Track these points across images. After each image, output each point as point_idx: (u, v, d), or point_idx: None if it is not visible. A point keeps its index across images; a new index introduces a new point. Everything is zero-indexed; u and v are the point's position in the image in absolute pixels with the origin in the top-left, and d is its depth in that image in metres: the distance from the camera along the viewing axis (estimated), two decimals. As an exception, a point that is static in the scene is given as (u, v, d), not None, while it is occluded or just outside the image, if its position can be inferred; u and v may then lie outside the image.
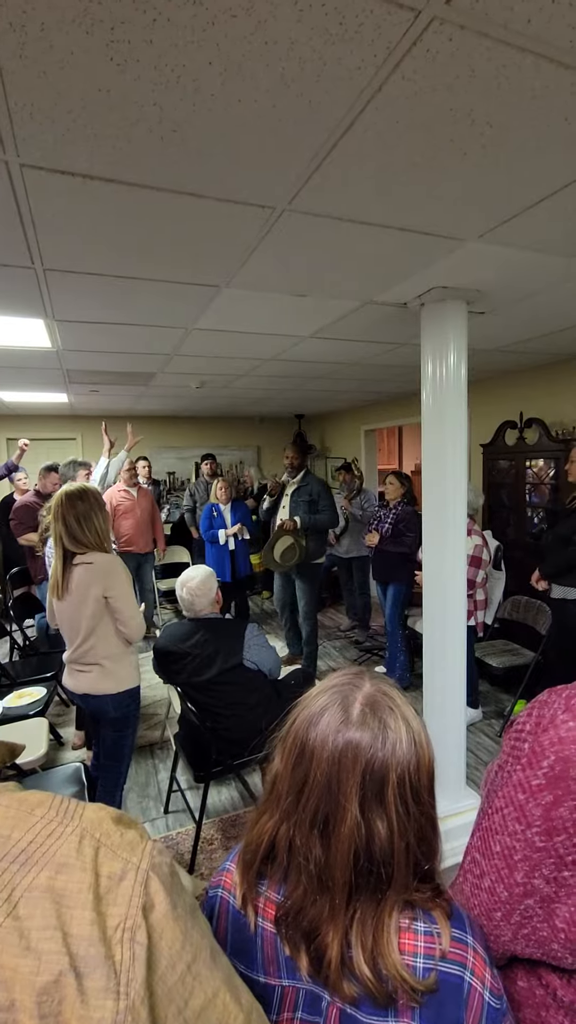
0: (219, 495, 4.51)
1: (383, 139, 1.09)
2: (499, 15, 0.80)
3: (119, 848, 0.47)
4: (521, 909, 0.58)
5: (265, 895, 0.63)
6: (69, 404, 5.27)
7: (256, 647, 2.17)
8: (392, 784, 0.58)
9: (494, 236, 1.56)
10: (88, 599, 1.96)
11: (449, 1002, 0.55)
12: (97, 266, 1.75)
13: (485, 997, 0.56)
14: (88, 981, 0.40)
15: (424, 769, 0.60)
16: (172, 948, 0.44)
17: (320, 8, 0.78)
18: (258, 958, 0.62)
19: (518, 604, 3.50)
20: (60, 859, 0.44)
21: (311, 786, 0.60)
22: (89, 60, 0.86)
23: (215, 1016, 0.46)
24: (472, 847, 0.64)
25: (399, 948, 0.56)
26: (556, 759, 0.55)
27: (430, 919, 0.59)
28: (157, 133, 1.05)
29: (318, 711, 0.62)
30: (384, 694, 0.64)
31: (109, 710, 2.06)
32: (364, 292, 2.07)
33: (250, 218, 1.42)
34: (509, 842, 0.58)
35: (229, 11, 0.78)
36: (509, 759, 0.60)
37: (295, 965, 0.60)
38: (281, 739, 0.65)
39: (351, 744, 0.59)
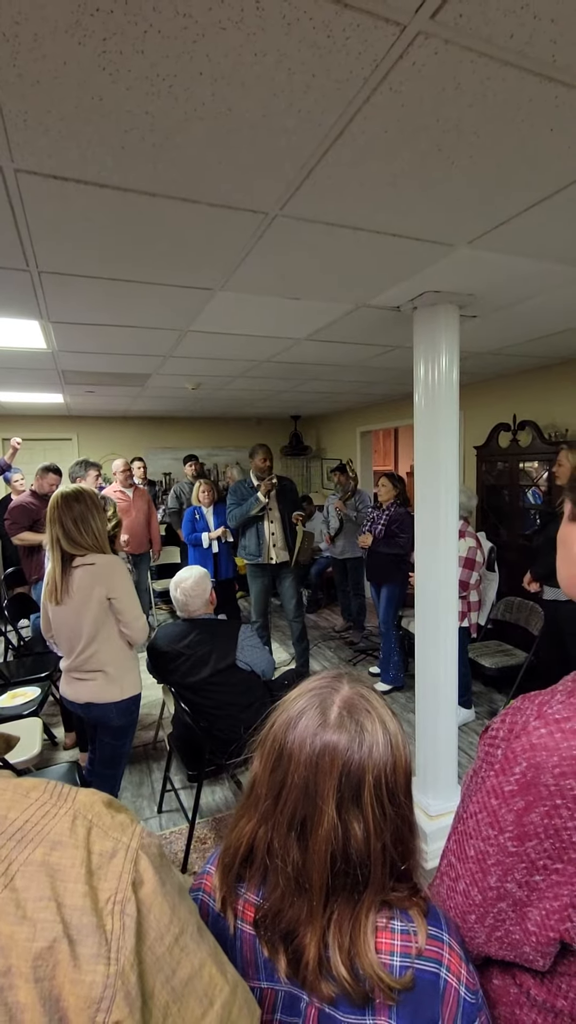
0: (201, 498, 4.50)
1: (372, 148, 1.11)
2: (482, 30, 0.82)
3: (110, 829, 0.49)
4: (494, 912, 0.59)
5: (244, 898, 0.64)
6: (65, 405, 5.27)
7: (249, 648, 2.18)
8: (369, 785, 0.59)
9: (484, 242, 1.59)
10: (91, 601, 1.91)
11: (426, 998, 0.56)
12: (92, 269, 1.76)
13: (461, 992, 0.57)
14: (80, 948, 0.42)
15: (400, 770, 0.61)
16: (160, 921, 0.47)
17: (308, 22, 0.80)
18: (237, 960, 0.63)
19: (511, 605, 3.52)
20: (54, 837, 0.46)
21: (289, 789, 0.60)
22: (81, 70, 0.88)
23: (201, 986, 0.48)
24: (448, 850, 0.65)
25: (376, 947, 0.57)
26: (528, 765, 0.56)
27: (407, 918, 0.60)
28: (149, 140, 1.07)
29: (296, 714, 0.63)
30: (362, 697, 0.64)
31: (113, 718, 2.00)
32: (357, 296, 2.09)
33: (243, 223, 1.44)
34: (483, 847, 0.59)
35: (219, 24, 0.80)
36: (483, 764, 0.61)
37: (274, 967, 0.60)
38: (260, 742, 0.65)
39: (328, 746, 0.60)
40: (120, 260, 1.69)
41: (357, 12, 0.78)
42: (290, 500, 3.89)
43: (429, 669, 2.26)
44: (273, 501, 3.83)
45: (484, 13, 0.79)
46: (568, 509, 0.70)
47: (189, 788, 2.59)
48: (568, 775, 0.54)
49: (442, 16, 0.79)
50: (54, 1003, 0.40)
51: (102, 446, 6.61)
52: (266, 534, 3.85)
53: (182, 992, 0.47)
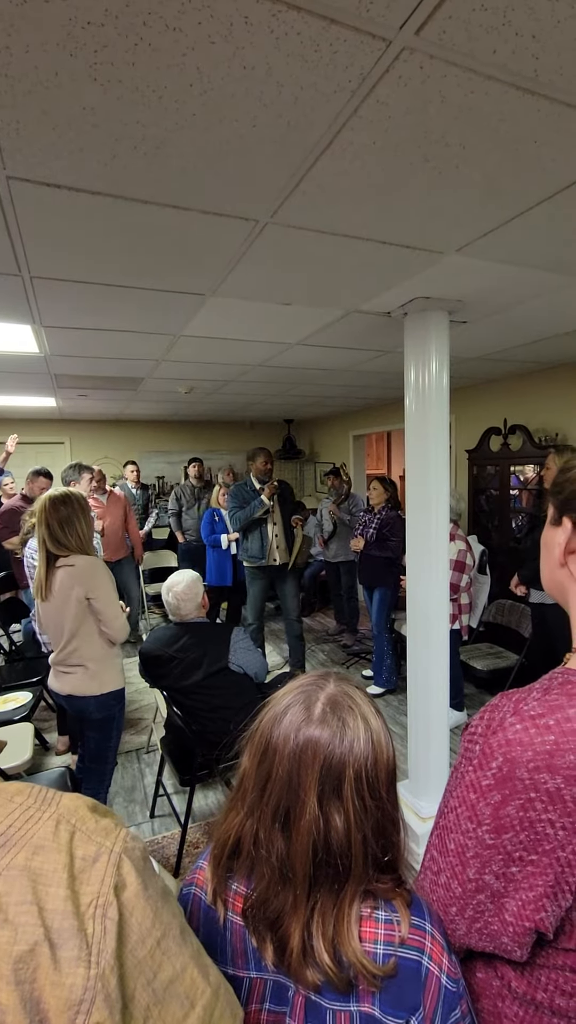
0: (221, 500, 4.54)
1: (360, 158, 1.13)
2: (465, 45, 0.84)
3: (93, 833, 0.50)
4: (474, 904, 0.60)
5: (234, 889, 0.66)
6: (57, 408, 5.26)
7: (242, 651, 2.19)
8: (349, 779, 0.61)
9: (472, 250, 1.61)
10: (70, 601, 1.99)
11: (408, 986, 0.58)
12: (84, 274, 1.77)
13: (442, 980, 0.59)
14: (61, 951, 0.43)
15: (382, 766, 0.63)
16: (142, 925, 0.47)
17: (296, 36, 0.82)
18: (227, 951, 0.65)
19: (502, 608, 3.55)
20: (37, 841, 0.47)
21: (273, 781, 0.62)
22: (73, 80, 0.89)
23: (183, 989, 0.49)
24: (431, 845, 0.66)
25: (360, 936, 0.59)
26: (504, 760, 0.57)
27: (390, 908, 0.61)
28: (141, 149, 1.08)
29: (282, 710, 0.65)
30: (346, 694, 0.66)
31: (92, 711, 2.08)
32: (348, 302, 2.11)
33: (234, 230, 1.45)
34: (462, 840, 0.60)
35: (208, 38, 0.81)
36: (463, 760, 0.63)
37: (261, 956, 0.62)
38: (249, 737, 0.68)
39: (311, 741, 0.62)
40: (112, 265, 1.70)
41: (344, 28, 0.80)
42: (289, 502, 3.96)
43: (421, 671, 2.27)
44: (275, 503, 3.89)
45: (467, 30, 0.81)
46: (550, 513, 0.72)
47: (182, 792, 2.59)
48: (541, 769, 0.55)
49: (426, 32, 0.81)
50: (35, 1005, 0.41)
51: (95, 450, 6.59)
52: (270, 536, 3.89)
53: (163, 994, 0.47)
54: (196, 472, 5.31)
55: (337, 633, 5.11)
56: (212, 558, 4.56)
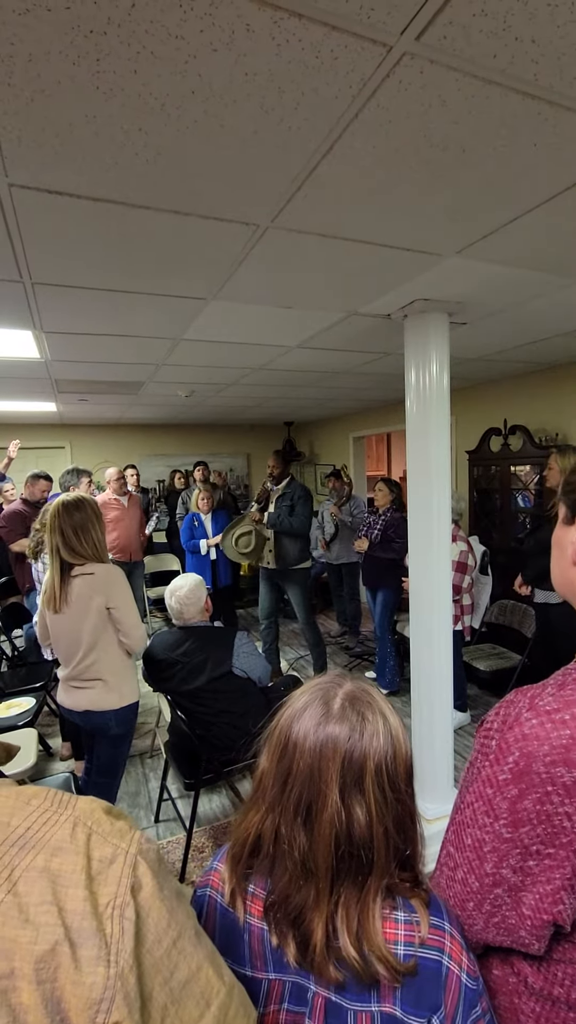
0: (200, 505, 4.53)
1: (361, 162, 1.13)
2: (466, 51, 0.84)
3: (109, 835, 0.50)
4: (491, 899, 0.61)
5: (251, 891, 0.66)
6: (58, 413, 5.27)
7: (245, 655, 2.19)
8: (370, 772, 0.62)
9: (472, 252, 1.62)
10: (90, 611, 1.91)
11: (428, 985, 0.59)
12: (85, 280, 1.78)
13: (462, 979, 0.60)
14: (81, 950, 0.43)
15: (401, 760, 0.64)
16: (159, 925, 0.48)
17: (297, 43, 0.82)
18: (245, 953, 0.65)
19: (504, 608, 3.55)
20: (55, 843, 0.47)
21: (294, 776, 0.63)
22: (76, 89, 0.90)
23: (198, 988, 0.50)
24: (447, 841, 0.67)
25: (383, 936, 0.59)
26: (520, 755, 0.58)
27: (409, 908, 0.62)
28: (143, 156, 1.09)
29: (301, 707, 0.66)
30: (364, 691, 0.67)
31: (112, 726, 2.00)
32: (348, 304, 2.11)
33: (235, 235, 1.46)
34: (479, 834, 0.61)
35: (210, 45, 0.82)
36: (479, 756, 0.64)
37: (282, 956, 0.62)
38: (267, 736, 0.69)
39: (331, 737, 0.63)
40: (113, 271, 1.70)
41: (344, 34, 0.81)
42: (285, 506, 3.87)
43: (424, 673, 2.27)
44: (272, 506, 3.87)
45: (467, 35, 0.81)
46: (562, 512, 0.72)
47: (186, 797, 2.58)
48: (558, 763, 0.56)
49: (427, 37, 0.81)
50: (56, 1004, 0.41)
51: (95, 454, 6.60)
52: (263, 537, 3.93)
53: (180, 994, 0.48)
54: (202, 476, 5.33)
55: (339, 635, 5.11)
56: (192, 564, 4.49)
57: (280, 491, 3.91)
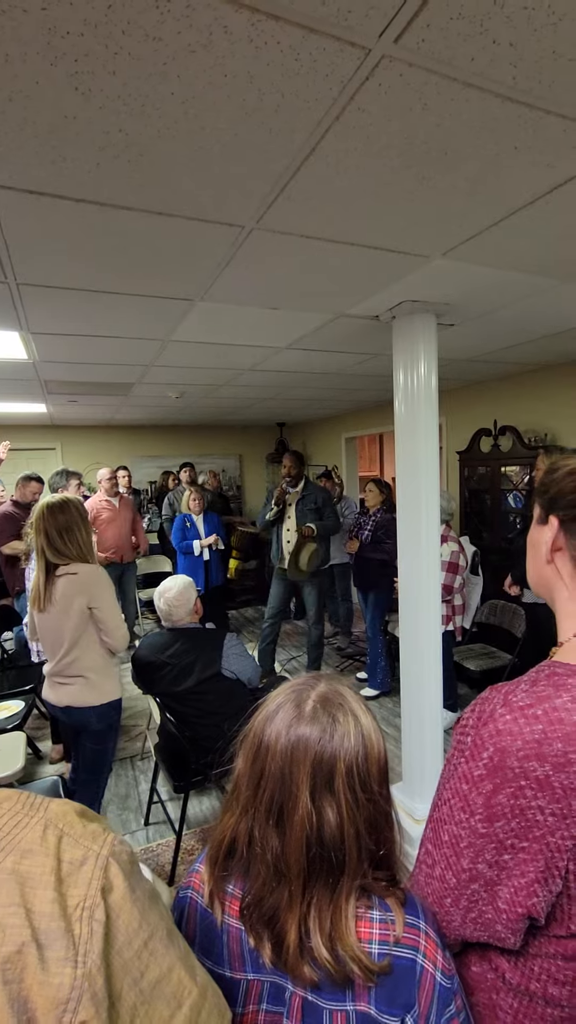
0: (191, 506, 4.51)
1: (343, 165, 1.13)
2: (444, 53, 0.84)
3: (81, 837, 0.50)
4: (468, 894, 0.61)
5: (230, 892, 0.66)
6: (48, 414, 5.24)
7: (234, 656, 2.18)
8: (341, 773, 0.62)
9: (457, 253, 1.62)
10: (72, 610, 1.94)
11: (403, 984, 0.59)
12: (71, 281, 1.77)
13: (437, 978, 0.60)
14: (48, 952, 0.44)
15: (373, 760, 0.64)
16: (129, 926, 0.48)
17: (276, 45, 0.82)
18: (224, 954, 0.65)
19: (495, 608, 3.56)
20: (25, 846, 0.48)
21: (266, 778, 0.63)
22: (54, 89, 0.89)
23: (169, 989, 0.50)
24: (425, 838, 0.67)
25: (356, 936, 0.60)
26: (495, 750, 0.59)
27: (385, 907, 0.62)
28: (124, 157, 1.08)
29: (274, 709, 0.67)
30: (336, 692, 0.67)
31: (92, 722, 2.04)
32: (335, 306, 2.12)
33: (220, 236, 1.46)
34: (455, 830, 0.62)
35: (188, 47, 0.81)
36: (455, 752, 0.64)
37: (259, 956, 0.62)
38: (242, 738, 0.69)
39: (302, 738, 0.63)
40: (99, 272, 1.70)
41: (323, 36, 0.81)
42: (308, 508, 3.84)
43: (414, 673, 2.27)
44: (292, 508, 3.85)
45: (445, 38, 0.81)
46: (536, 512, 0.73)
47: (176, 799, 2.58)
48: (531, 757, 0.57)
49: (405, 40, 0.81)
50: (22, 1004, 0.42)
51: (86, 456, 6.57)
52: (283, 540, 3.88)
53: (150, 994, 0.48)
54: (189, 477, 5.33)
55: (331, 636, 5.11)
56: (184, 565, 4.48)
57: (299, 493, 3.87)
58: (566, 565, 0.69)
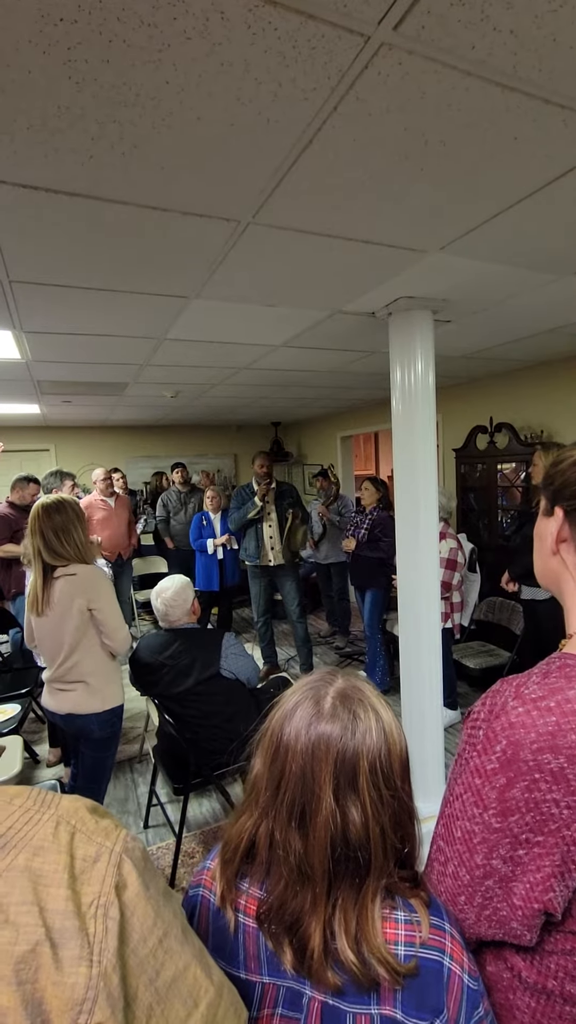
0: (209, 504, 4.53)
1: (341, 156, 1.12)
2: (444, 41, 0.83)
3: (94, 834, 0.49)
4: (482, 891, 0.60)
5: (247, 892, 0.65)
6: (42, 415, 5.20)
7: (233, 656, 2.16)
8: (364, 771, 0.60)
9: (454, 248, 1.61)
10: (72, 612, 1.90)
11: (430, 987, 0.58)
12: (64, 278, 1.75)
13: (464, 980, 0.58)
14: (63, 951, 0.43)
15: (396, 756, 0.63)
16: (144, 924, 0.47)
17: (273, 32, 0.80)
18: (240, 955, 0.63)
19: (493, 605, 3.56)
20: (37, 843, 0.47)
21: (287, 779, 0.62)
22: (47, 79, 0.87)
23: (185, 988, 0.49)
24: (437, 836, 0.66)
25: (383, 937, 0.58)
26: (507, 743, 0.58)
27: (409, 908, 0.61)
28: (118, 149, 1.06)
29: (292, 707, 0.65)
30: (355, 688, 0.66)
31: (94, 730, 1.99)
32: (332, 302, 2.10)
33: (216, 231, 1.44)
34: (468, 826, 0.61)
35: (184, 33, 0.80)
36: (466, 747, 0.63)
37: (278, 961, 0.61)
38: (259, 739, 0.67)
39: (323, 736, 0.61)
40: (93, 269, 1.68)
41: (321, 23, 0.79)
42: (287, 504, 3.97)
43: (414, 671, 2.26)
44: (271, 505, 3.90)
45: (445, 25, 0.80)
46: (542, 504, 0.72)
47: (175, 802, 2.55)
48: (544, 750, 0.56)
49: (405, 28, 0.80)
50: (36, 1006, 0.41)
51: (81, 456, 6.53)
52: (264, 536, 3.92)
53: (166, 993, 0.47)
54: (180, 477, 5.31)
55: (329, 635, 5.10)
56: (200, 563, 4.56)
57: (275, 491, 3.95)
58: (572, 556, 0.68)
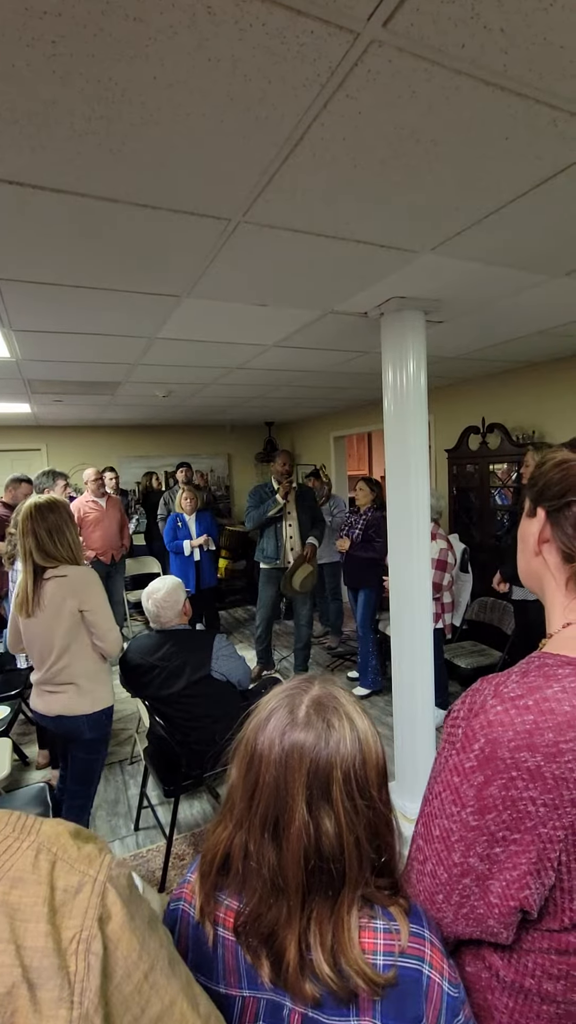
0: (184, 505, 4.48)
1: (331, 155, 1.11)
2: (434, 39, 0.82)
3: (76, 861, 0.47)
4: (460, 889, 0.60)
5: (226, 904, 0.64)
6: (33, 415, 5.16)
7: (224, 658, 2.15)
8: (337, 781, 0.59)
9: (446, 249, 1.61)
10: (63, 614, 1.88)
11: (409, 996, 0.57)
12: (53, 276, 1.73)
13: (444, 988, 0.58)
14: (41, 992, 0.40)
15: (371, 765, 0.62)
16: (128, 958, 0.45)
17: (261, 28, 0.79)
18: (219, 968, 0.62)
19: (485, 605, 3.57)
20: (15, 874, 0.45)
21: (261, 789, 0.61)
22: (31, 73, 0.86)
23: None
24: (416, 834, 0.66)
25: (360, 947, 0.57)
26: (486, 741, 0.58)
27: (388, 916, 0.60)
28: (106, 146, 1.05)
29: (266, 716, 0.64)
30: (331, 696, 0.65)
31: (84, 731, 1.97)
32: (324, 302, 2.09)
33: (206, 229, 1.43)
34: (447, 824, 0.61)
35: (170, 28, 0.79)
36: (446, 745, 0.63)
37: (256, 974, 0.60)
38: (235, 748, 0.66)
39: (296, 745, 0.60)
40: (82, 267, 1.66)
41: (310, 19, 0.78)
42: (308, 506, 3.91)
43: (405, 671, 2.26)
44: (292, 505, 3.84)
45: (435, 22, 0.80)
46: (526, 506, 0.73)
47: (167, 804, 2.54)
48: (522, 748, 0.56)
49: (394, 24, 0.79)
50: None
51: (72, 456, 6.48)
52: (284, 536, 3.85)
53: None
54: (184, 477, 5.27)
55: (322, 635, 5.10)
56: (176, 565, 4.45)
57: (296, 490, 3.86)
58: (553, 556, 0.69)
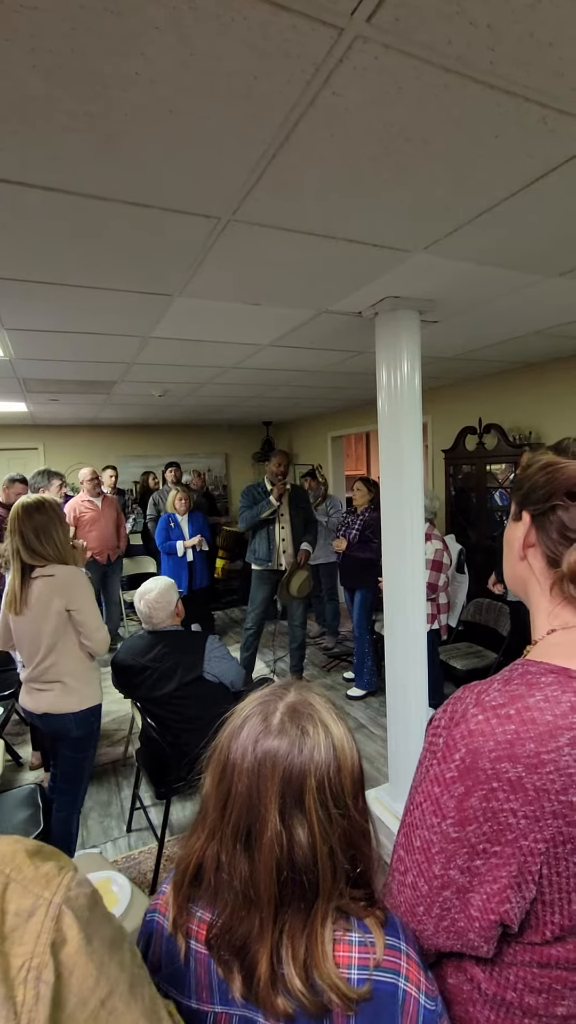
0: (177, 506, 4.46)
1: (320, 152, 1.10)
2: (420, 35, 0.81)
3: (31, 883, 0.45)
4: (440, 901, 0.59)
5: (198, 917, 0.62)
6: (29, 413, 5.15)
7: (216, 659, 2.14)
8: (311, 789, 0.58)
9: (439, 248, 1.60)
10: (49, 613, 1.89)
11: (385, 1011, 0.55)
12: (44, 275, 1.71)
13: (421, 1001, 0.57)
14: None
15: (346, 773, 0.60)
16: (84, 984, 0.43)
17: (243, 22, 0.78)
18: (191, 983, 0.61)
19: (480, 606, 3.56)
20: None
21: (233, 799, 0.59)
22: (12, 68, 0.85)
23: None
24: (397, 845, 0.65)
25: (334, 961, 0.56)
26: (466, 751, 0.57)
27: (364, 929, 0.59)
28: (91, 143, 1.04)
29: (240, 723, 0.62)
30: (306, 703, 0.64)
31: (71, 729, 1.98)
32: (317, 302, 2.08)
33: (196, 228, 1.41)
34: (427, 835, 0.59)
35: (152, 23, 0.77)
36: (427, 754, 0.62)
37: (228, 988, 0.59)
38: (209, 756, 0.65)
39: (269, 752, 0.59)
40: (74, 265, 1.65)
41: (293, 14, 0.77)
42: (301, 508, 3.88)
43: (399, 672, 2.25)
44: (285, 507, 3.81)
45: (420, 17, 0.78)
46: (512, 510, 0.71)
47: (159, 805, 2.53)
48: (503, 759, 0.55)
49: (378, 19, 0.78)
50: None
51: (69, 455, 6.47)
52: (276, 539, 3.81)
53: None
54: (174, 477, 5.27)
55: (318, 636, 5.09)
56: (168, 566, 4.42)
57: (289, 492, 3.83)
58: (538, 561, 0.68)
